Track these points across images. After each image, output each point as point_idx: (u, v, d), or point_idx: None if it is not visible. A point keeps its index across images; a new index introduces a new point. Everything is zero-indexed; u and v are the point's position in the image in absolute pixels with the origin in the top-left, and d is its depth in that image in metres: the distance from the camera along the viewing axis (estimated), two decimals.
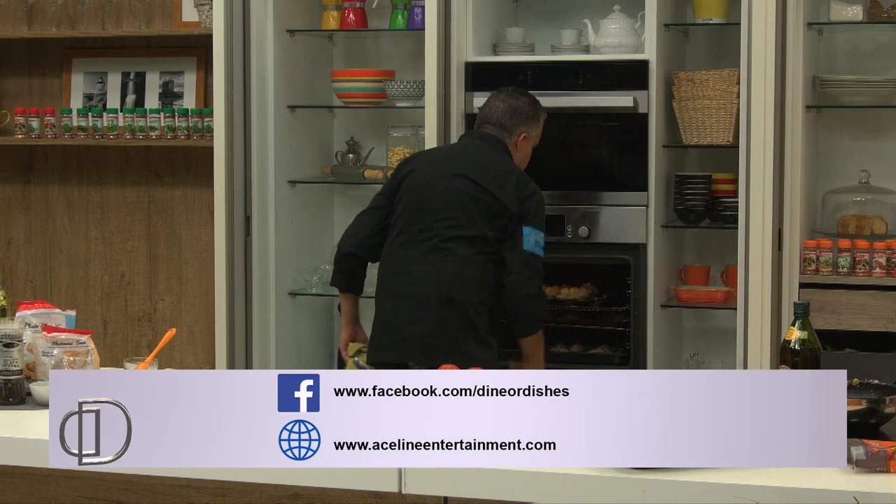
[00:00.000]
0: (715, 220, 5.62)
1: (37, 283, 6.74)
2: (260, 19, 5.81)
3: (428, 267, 4.70)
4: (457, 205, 4.72)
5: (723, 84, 5.47)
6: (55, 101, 6.63)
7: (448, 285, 4.67)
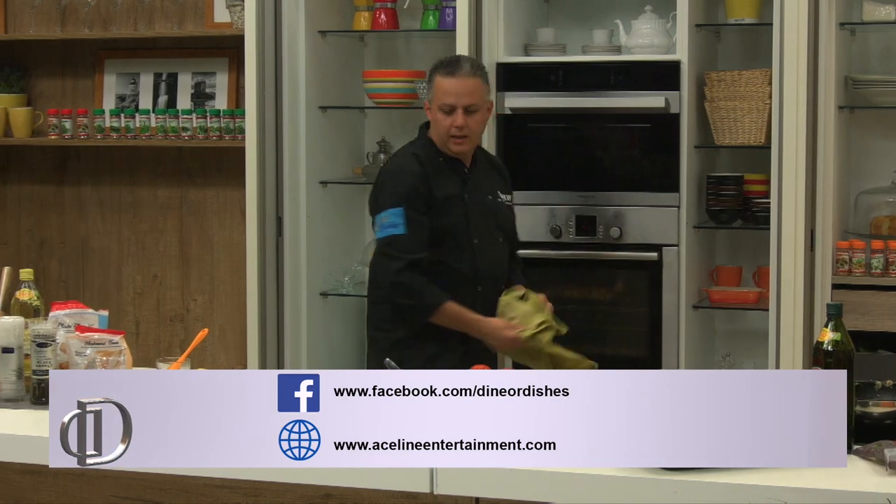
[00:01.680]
0: (747, 221, 5.60)
1: (70, 283, 6.77)
2: (291, 20, 5.82)
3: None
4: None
5: (755, 84, 5.46)
6: (88, 102, 6.65)
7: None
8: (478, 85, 4.56)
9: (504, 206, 4.75)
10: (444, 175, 4.59)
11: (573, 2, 6.03)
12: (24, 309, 3.87)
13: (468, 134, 4.55)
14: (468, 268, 4.60)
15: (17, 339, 3.74)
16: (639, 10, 5.67)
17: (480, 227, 4.64)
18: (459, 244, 4.60)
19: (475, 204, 4.63)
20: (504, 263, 4.73)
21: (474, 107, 4.54)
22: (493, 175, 4.75)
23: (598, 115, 5.56)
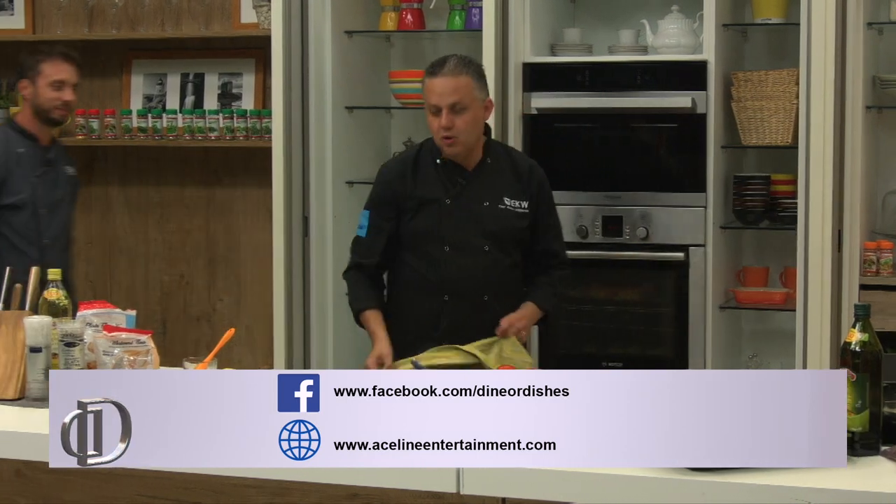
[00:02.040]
0: (774, 221, 5.59)
1: (97, 282, 6.79)
2: (318, 20, 5.83)
3: None
4: None
5: (782, 84, 5.45)
6: (115, 103, 6.67)
7: None
8: (463, 82, 4.38)
9: (505, 213, 4.49)
10: (432, 177, 4.51)
11: (600, 2, 6.02)
12: (51, 308, 3.88)
13: (456, 134, 4.39)
14: (434, 275, 4.48)
15: (44, 339, 3.75)
16: (665, 10, 5.66)
17: (457, 235, 4.48)
18: (429, 250, 4.50)
19: (458, 209, 4.47)
20: (487, 274, 4.48)
21: (459, 105, 4.37)
22: (503, 179, 4.52)
23: (624, 115, 5.55)
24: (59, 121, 5.56)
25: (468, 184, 4.49)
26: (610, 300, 5.66)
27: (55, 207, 5.52)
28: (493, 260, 4.49)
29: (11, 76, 6.71)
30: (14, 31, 6.76)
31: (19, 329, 3.83)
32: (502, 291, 4.50)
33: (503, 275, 4.51)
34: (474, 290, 4.47)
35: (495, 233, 4.48)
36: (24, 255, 5.26)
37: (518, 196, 4.52)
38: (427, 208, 4.49)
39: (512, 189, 4.52)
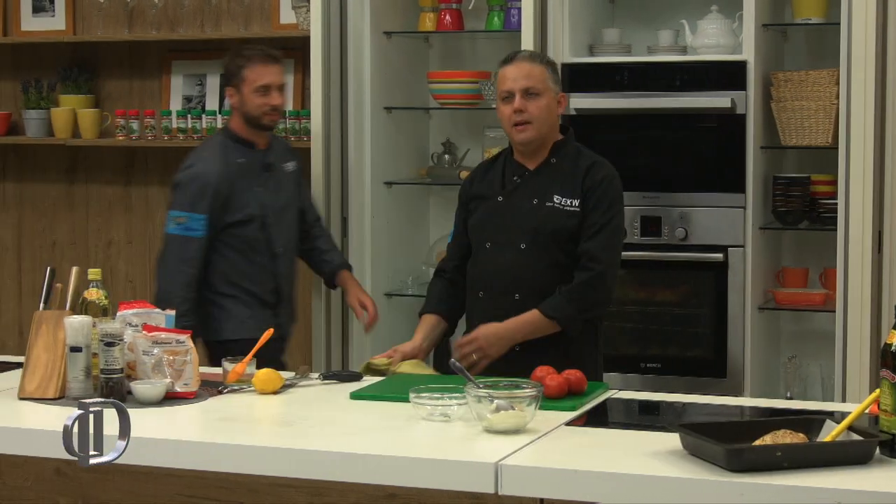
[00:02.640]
0: (813, 222, 5.57)
1: (136, 282, 6.82)
2: (357, 21, 5.84)
3: None
4: None
5: (822, 84, 5.42)
6: (155, 103, 6.70)
7: None
8: (537, 70, 4.41)
9: (552, 211, 4.41)
10: (496, 176, 4.55)
11: (639, 2, 6.01)
12: (91, 308, 3.90)
13: (529, 119, 4.38)
14: (474, 272, 4.54)
15: (85, 339, 3.77)
16: (705, 10, 5.65)
17: (499, 232, 4.47)
18: (477, 247, 4.55)
19: (507, 207, 4.47)
20: (520, 272, 4.42)
21: (534, 90, 4.37)
22: (560, 177, 4.44)
23: (663, 115, 5.54)
24: (271, 126, 5.32)
25: (523, 182, 4.49)
26: (648, 301, 5.65)
27: (282, 213, 5.35)
28: (530, 258, 4.42)
29: (53, 77, 6.77)
30: (55, 33, 6.80)
31: (60, 329, 3.86)
32: (537, 291, 4.40)
33: (539, 274, 4.41)
34: (506, 288, 4.44)
35: (536, 230, 4.41)
36: (255, 266, 5.28)
37: (570, 194, 4.43)
38: (482, 206, 4.55)
39: (565, 187, 4.44)
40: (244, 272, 5.27)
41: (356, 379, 4.13)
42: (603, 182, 4.44)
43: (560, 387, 3.75)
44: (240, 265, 5.26)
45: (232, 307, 5.26)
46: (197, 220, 5.14)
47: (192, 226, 5.14)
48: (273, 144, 5.39)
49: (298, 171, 5.50)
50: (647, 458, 3.12)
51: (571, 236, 4.41)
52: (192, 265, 5.15)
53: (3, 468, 3.53)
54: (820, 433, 3.18)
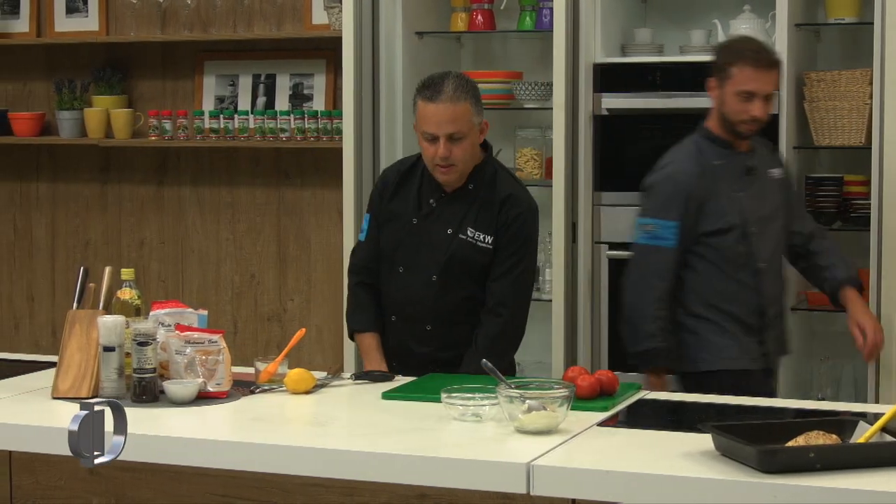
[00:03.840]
0: (847, 223, 5.54)
1: (169, 282, 6.84)
2: (389, 21, 5.85)
3: None
4: None
5: (855, 84, 5.40)
6: (187, 104, 6.72)
7: None
8: (462, 110, 4.27)
9: (464, 245, 4.37)
10: (411, 192, 4.46)
11: (671, 2, 5.99)
12: (124, 308, 3.91)
13: (454, 163, 4.30)
14: (385, 294, 4.49)
15: (118, 338, 3.79)
16: (737, 10, 5.63)
17: (411, 257, 4.42)
18: (387, 266, 4.49)
19: (421, 232, 4.41)
20: (431, 303, 4.39)
21: (458, 134, 4.27)
22: (475, 207, 4.38)
23: (695, 115, 5.49)
24: (745, 135, 4.68)
25: (438, 206, 4.42)
26: None
27: (767, 223, 4.73)
28: (441, 290, 4.39)
29: (87, 78, 6.79)
30: (88, 34, 6.82)
31: (93, 328, 3.87)
32: (447, 322, 4.40)
33: (450, 306, 4.40)
34: (417, 318, 4.43)
35: (447, 263, 4.38)
36: (736, 284, 4.66)
37: (485, 228, 4.38)
38: (395, 223, 4.47)
39: (480, 220, 4.38)
40: (723, 291, 4.66)
41: (388, 379, 4.14)
42: (518, 219, 4.39)
43: (592, 387, 3.75)
44: (717, 283, 4.66)
45: (708, 333, 4.66)
46: (667, 227, 4.62)
47: (661, 234, 4.64)
48: (756, 147, 4.79)
49: (787, 179, 4.94)
50: (679, 459, 3.12)
51: (483, 270, 4.38)
52: (662, 278, 4.62)
53: (37, 467, 3.54)
54: (853, 435, 3.17)
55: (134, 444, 3.39)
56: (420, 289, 4.41)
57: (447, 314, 4.40)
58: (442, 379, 4.00)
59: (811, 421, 3.25)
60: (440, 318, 4.40)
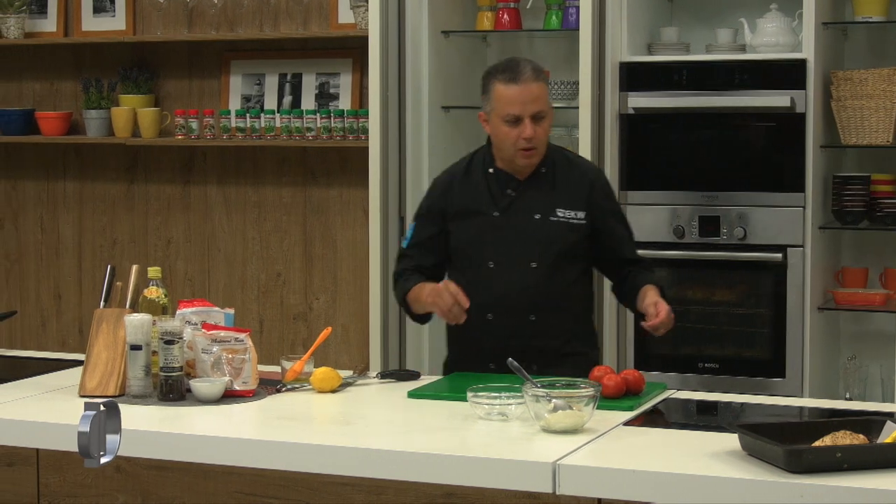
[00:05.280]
0: (874, 222, 5.53)
1: (195, 281, 6.85)
2: (415, 20, 5.85)
3: None
4: None
5: (883, 83, 5.38)
6: (214, 103, 6.73)
7: None
8: (542, 90, 4.25)
9: (557, 225, 4.28)
10: (481, 188, 4.34)
11: (697, 1, 5.98)
12: (151, 306, 3.93)
13: (537, 144, 4.23)
14: (477, 293, 4.21)
15: (144, 337, 3.80)
16: (764, 9, 5.62)
17: (502, 250, 4.28)
18: (473, 266, 4.32)
19: (506, 223, 4.29)
20: (533, 292, 4.26)
21: (541, 113, 4.22)
22: (559, 188, 4.31)
23: (722, 114, 5.52)
24: None
25: (519, 195, 4.32)
26: (707, 301, 5.62)
27: None
28: (542, 277, 4.27)
29: (114, 77, 6.81)
30: (115, 33, 6.85)
31: (120, 327, 3.88)
32: (552, 310, 4.29)
33: (553, 293, 4.29)
34: (520, 310, 4.28)
35: (545, 247, 4.28)
36: None
37: (574, 206, 4.31)
38: (472, 221, 4.33)
39: (567, 198, 4.32)
40: None
41: (414, 378, 4.14)
42: (607, 188, 4.43)
43: (618, 386, 3.74)
44: None
45: None
46: None
47: None
48: None
49: None
50: (705, 458, 3.11)
51: (581, 250, 4.33)
52: None
53: (64, 465, 3.56)
54: (880, 434, 3.16)
55: (160, 442, 3.42)
56: (519, 279, 4.27)
57: (552, 301, 4.28)
58: (468, 378, 4.00)
59: (838, 420, 3.24)
60: (544, 307, 4.27)
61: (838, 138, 5.53)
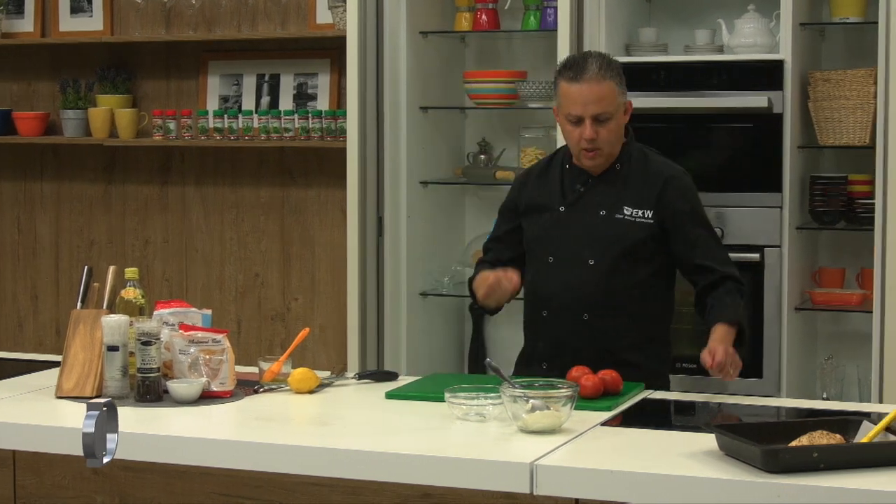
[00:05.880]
0: (851, 222, 5.54)
1: (173, 282, 6.84)
2: (393, 21, 5.85)
3: None
4: None
5: (859, 84, 5.40)
6: (192, 103, 6.72)
7: None
8: (608, 89, 4.10)
9: (622, 223, 4.13)
10: (554, 183, 4.24)
11: (675, 1, 5.99)
12: (128, 307, 3.92)
13: (600, 146, 4.10)
14: (536, 288, 4.21)
15: (121, 338, 3.79)
16: (742, 10, 5.63)
17: (563, 245, 4.17)
18: (536, 261, 4.24)
19: (570, 219, 4.18)
20: (588, 290, 4.12)
21: (605, 115, 4.09)
22: (630, 186, 4.17)
23: (700, 115, 5.52)
24: None
25: (588, 191, 4.19)
26: (685, 301, 5.60)
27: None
28: (600, 275, 4.13)
29: (91, 77, 6.80)
30: (92, 33, 6.83)
31: (97, 328, 3.88)
32: (608, 310, 4.14)
33: (611, 292, 4.13)
34: (573, 308, 4.15)
35: (606, 244, 4.14)
36: None
37: (642, 204, 4.15)
38: (541, 216, 4.23)
39: (637, 197, 4.17)
40: None
41: (392, 378, 4.14)
42: (685, 190, 4.23)
43: (596, 387, 3.75)
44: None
45: None
46: None
47: None
48: None
49: None
50: (682, 458, 3.12)
51: (643, 250, 4.16)
52: None
53: (41, 467, 3.55)
54: (857, 434, 3.17)
55: (138, 443, 3.41)
56: (575, 275, 4.14)
57: (606, 301, 4.13)
58: (445, 378, 4.00)
59: (815, 420, 3.25)
60: (599, 307, 4.13)
61: (815, 139, 5.54)
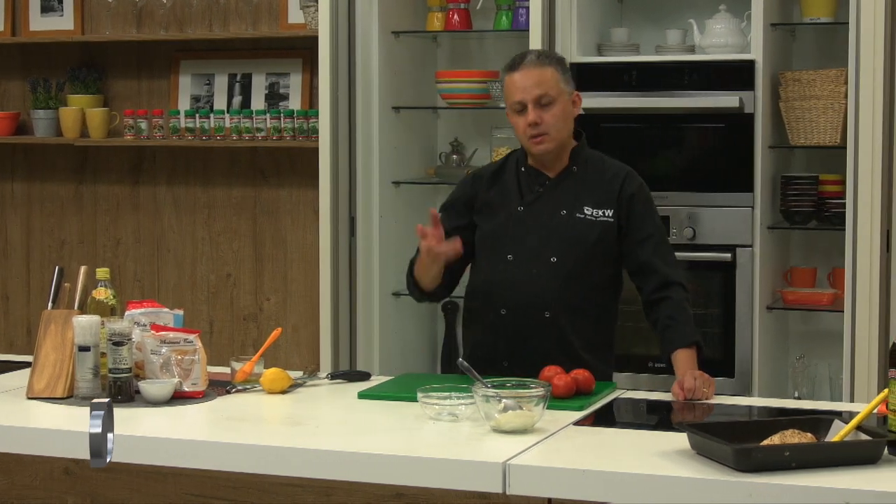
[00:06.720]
0: (822, 222, 5.56)
1: (145, 282, 6.82)
2: (365, 21, 5.84)
3: None
4: None
5: (830, 84, 5.42)
6: (163, 103, 6.71)
7: None
8: (549, 74, 4.08)
9: (583, 223, 4.12)
10: (510, 184, 4.22)
11: (647, 1, 6.00)
12: (100, 307, 3.90)
13: (546, 130, 4.07)
14: (493, 287, 4.17)
15: (93, 338, 3.78)
16: (713, 10, 5.64)
17: (522, 244, 4.15)
18: (492, 259, 4.20)
19: (530, 218, 4.16)
20: (551, 288, 4.11)
21: (546, 98, 4.06)
22: (589, 186, 4.17)
23: (671, 115, 5.53)
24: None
25: (546, 192, 4.18)
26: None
27: None
28: (561, 273, 4.12)
29: (62, 77, 6.77)
30: (63, 33, 6.80)
31: (68, 328, 3.86)
32: (570, 309, 4.13)
33: (572, 290, 4.13)
34: (536, 305, 4.13)
35: (568, 243, 4.14)
36: None
37: (602, 204, 4.16)
38: (497, 215, 4.21)
39: (597, 197, 4.17)
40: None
41: (364, 378, 4.13)
42: (640, 189, 4.21)
43: (568, 386, 3.75)
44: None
45: None
46: None
47: None
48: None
49: None
50: (655, 457, 3.12)
51: (607, 250, 4.16)
52: None
53: (12, 467, 3.53)
54: (828, 433, 3.18)
55: None
56: (537, 274, 4.12)
57: (567, 299, 4.12)
58: (418, 378, 4.00)
59: (787, 419, 3.26)
60: (562, 305, 4.11)
61: (786, 139, 5.56)
